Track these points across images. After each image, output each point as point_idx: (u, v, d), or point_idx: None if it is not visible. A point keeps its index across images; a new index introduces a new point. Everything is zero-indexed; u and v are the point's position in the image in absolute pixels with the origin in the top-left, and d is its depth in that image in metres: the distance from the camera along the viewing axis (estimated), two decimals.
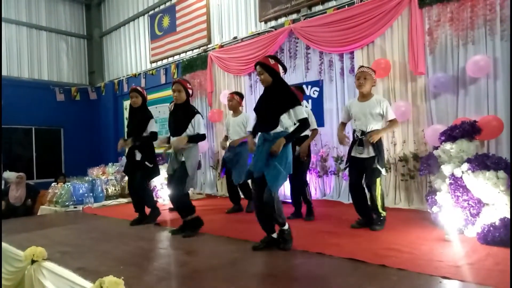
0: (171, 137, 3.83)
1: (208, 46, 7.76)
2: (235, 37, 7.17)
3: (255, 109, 3.18)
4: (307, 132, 4.23)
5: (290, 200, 4.58)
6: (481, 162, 3.16)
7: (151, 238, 3.82)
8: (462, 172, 3.26)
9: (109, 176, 6.68)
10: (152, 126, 4.39)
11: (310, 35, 5.69)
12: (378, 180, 3.57)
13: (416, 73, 4.61)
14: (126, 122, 10.22)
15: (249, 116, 4.85)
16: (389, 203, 4.86)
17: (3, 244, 3.34)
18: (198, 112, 3.82)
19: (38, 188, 7.34)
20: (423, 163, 3.90)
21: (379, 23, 4.96)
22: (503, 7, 4.04)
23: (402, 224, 3.78)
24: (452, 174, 3.36)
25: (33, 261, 2.77)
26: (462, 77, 4.37)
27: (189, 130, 3.71)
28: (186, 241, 3.53)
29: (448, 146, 3.56)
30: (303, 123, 2.96)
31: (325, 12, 5.64)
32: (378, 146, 3.56)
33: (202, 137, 3.76)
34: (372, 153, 3.56)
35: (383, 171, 3.59)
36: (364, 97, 3.68)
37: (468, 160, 3.28)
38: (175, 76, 8.39)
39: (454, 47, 4.44)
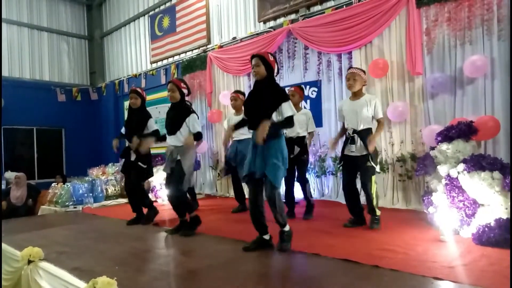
0: (167, 136, 3.87)
1: (208, 46, 7.77)
2: (234, 38, 7.18)
3: (245, 105, 3.21)
4: (305, 133, 4.29)
5: (300, 199, 4.60)
6: (476, 163, 3.16)
7: (148, 238, 3.84)
8: (458, 173, 3.25)
9: (109, 176, 6.71)
10: (153, 125, 4.43)
11: (309, 35, 5.69)
12: (373, 178, 3.60)
13: (414, 73, 4.61)
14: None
15: None
16: (387, 204, 4.86)
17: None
18: (193, 112, 3.86)
19: (39, 188, 7.39)
20: (419, 164, 3.91)
21: (377, 23, 4.95)
22: (500, 7, 4.03)
23: (398, 224, 3.78)
24: (448, 175, 3.36)
25: (29, 261, 2.79)
26: (460, 77, 4.36)
27: (184, 129, 3.74)
28: (182, 242, 3.55)
29: (444, 146, 3.56)
30: (288, 121, 2.95)
31: (324, 12, 5.65)
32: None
33: (198, 136, 3.80)
34: (364, 152, 3.59)
35: (377, 168, 3.64)
36: (355, 96, 3.76)
37: (464, 161, 3.28)
38: (175, 76, 8.42)
39: (452, 47, 4.43)
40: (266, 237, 3.10)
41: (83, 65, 11.44)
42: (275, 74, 3.11)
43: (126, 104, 10.26)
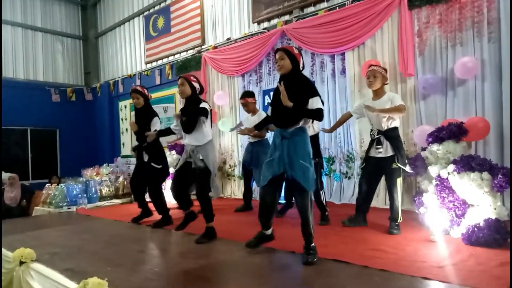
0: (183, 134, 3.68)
1: (202, 47, 7.78)
2: (228, 38, 7.19)
3: (272, 103, 2.99)
4: (315, 132, 4.12)
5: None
6: (466, 164, 3.20)
7: (143, 239, 3.84)
8: (448, 173, 3.29)
9: (103, 177, 6.69)
10: (156, 125, 4.29)
11: (302, 36, 5.72)
12: (399, 180, 3.51)
13: (406, 75, 4.65)
14: (121, 123, 10.31)
15: (264, 115, 4.76)
16: (380, 204, 4.90)
17: None
18: (203, 101, 3.62)
19: (33, 189, 7.36)
20: (411, 164, 3.93)
21: (370, 25, 4.99)
22: (490, 10, 4.08)
23: None
24: (439, 175, 3.39)
25: (21, 263, 2.80)
26: (451, 78, 4.41)
27: (199, 125, 3.50)
28: (177, 242, 3.57)
29: (435, 147, 3.59)
30: (318, 112, 2.75)
31: (317, 14, 5.67)
32: (396, 144, 3.51)
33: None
34: (390, 152, 3.50)
35: (407, 168, 3.54)
36: (377, 95, 3.63)
37: (454, 162, 3.32)
38: (170, 77, 8.42)
39: (443, 48, 4.48)
40: (268, 232, 3.05)
41: (77, 65, 11.39)
42: (301, 68, 2.90)
43: (121, 104, 10.28)
